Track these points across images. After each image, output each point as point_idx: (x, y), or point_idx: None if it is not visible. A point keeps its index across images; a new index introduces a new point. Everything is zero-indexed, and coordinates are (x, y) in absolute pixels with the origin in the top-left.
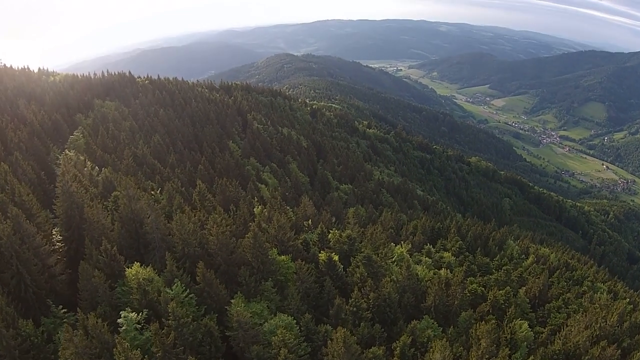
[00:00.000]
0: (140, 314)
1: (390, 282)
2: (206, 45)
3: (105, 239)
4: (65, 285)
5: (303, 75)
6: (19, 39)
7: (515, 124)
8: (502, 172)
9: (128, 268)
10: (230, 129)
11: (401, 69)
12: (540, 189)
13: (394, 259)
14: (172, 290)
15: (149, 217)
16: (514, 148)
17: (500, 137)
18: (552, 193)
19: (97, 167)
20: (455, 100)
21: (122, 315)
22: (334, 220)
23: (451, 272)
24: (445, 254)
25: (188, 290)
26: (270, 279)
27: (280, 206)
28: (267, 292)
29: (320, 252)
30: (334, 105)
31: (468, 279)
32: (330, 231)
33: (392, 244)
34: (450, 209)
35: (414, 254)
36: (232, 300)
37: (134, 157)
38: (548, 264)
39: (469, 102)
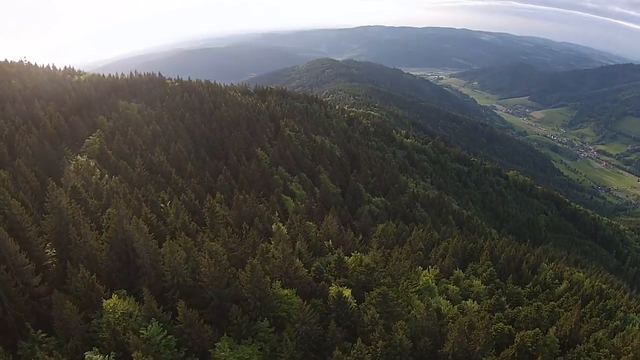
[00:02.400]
0: (107, 356)
1: (405, 324)
2: (247, 47)
3: (82, 266)
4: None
5: (343, 81)
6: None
7: (554, 136)
8: (540, 187)
9: (114, 294)
10: (261, 136)
11: (442, 78)
12: (577, 206)
13: (417, 288)
14: (147, 331)
15: (137, 241)
16: (551, 161)
17: (539, 150)
18: (588, 210)
19: (107, 175)
20: (495, 110)
21: (85, 357)
22: (360, 238)
23: (478, 304)
24: (475, 282)
25: (166, 331)
26: (268, 317)
27: (300, 224)
28: (262, 332)
29: (331, 284)
30: (372, 112)
31: (495, 315)
32: (352, 253)
33: (420, 267)
34: (486, 224)
35: (441, 280)
36: (217, 344)
37: (150, 164)
38: (582, 291)
39: (508, 113)
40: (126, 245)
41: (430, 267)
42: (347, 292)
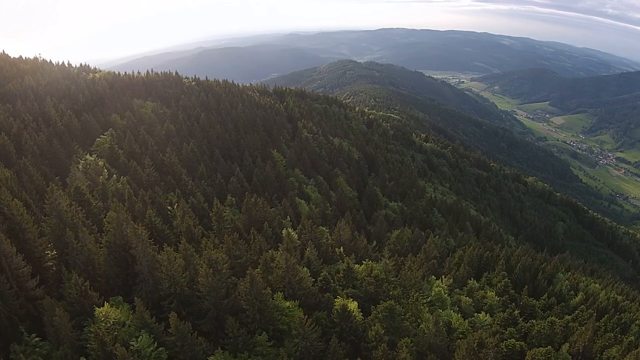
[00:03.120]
0: None
1: (411, 341)
2: (270, 47)
3: (77, 271)
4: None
5: (365, 83)
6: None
7: (573, 143)
8: (558, 194)
9: (107, 303)
10: (277, 137)
11: (463, 81)
12: (595, 214)
13: (429, 299)
14: (137, 343)
15: (135, 247)
16: (571, 168)
17: (558, 156)
18: (605, 218)
19: (115, 175)
20: (515, 115)
21: None
22: (374, 244)
23: (491, 317)
24: (489, 293)
25: (157, 343)
26: (267, 330)
27: (311, 229)
28: (259, 346)
29: (337, 296)
30: (392, 115)
31: (507, 330)
32: (364, 261)
33: (433, 276)
34: (503, 231)
35: (455, 290)
36: (210, 358)
37: (161, 165)
38: (597, 304)
39: (529, 118)
40: (125, 251)
41: (443, 276)
42: (352, 305)
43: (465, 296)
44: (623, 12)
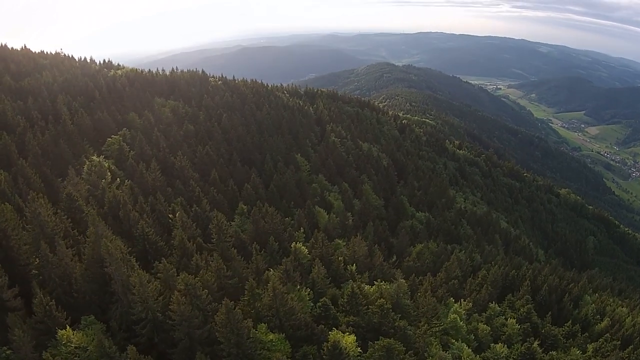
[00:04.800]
0: None
1: None
2: (308, 47)
3: (41, 292)
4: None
5: (402, 86)
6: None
7: (607, 154)
8: (590, 208)
9: (68, 327)
10: (303, 141)
11: (500, 88)
12: (626, 229)
13: (442, 327)
14: None
15: (109, 266)
16: (604, 180)
17: (592, 167)
18: (636, 234)
19: (118, 179)
20: (551, 124)
21: None
22: (393, 260)
23: (508, 349)
24: (509, 321)
25: None
26: None
27: (323, 244)
28: None
29: (334, 328)
30: (427, 120)
31: None
32: (376, 282)
33: (452, 299)
34: (533, 244)
35: (473, 316)
36: None
37: (171, 168)
38: (622, 331)
39: (564, 127)
40: (102, 267)
41: (462, 300)
42: (348, 340)
43: (484, 324)
44: None
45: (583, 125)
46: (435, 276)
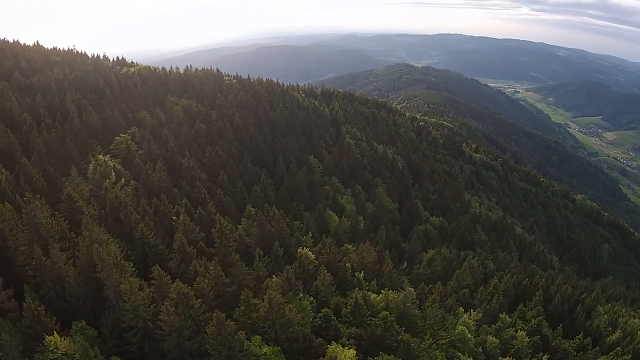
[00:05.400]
0: None
1: None
2: (327, 47)
3: (29, 297)
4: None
5: (420, 88)
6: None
7: (624, 160)
8: (606, 214)
9: (56, 333)
10: (317, 142)
11: (519, 91)
12: None
13: (450, 339)
14: None
15: (100, 272)
16: (620, 186)
17: (608, 173)
18: None
19: (123, 179)
20: (568, 128)
21: None
22: (404, 266)
23: None
24: (519, 333)
25: None
26: None
27: (330, 250)
28: None
29: (334, 341)
30: (445, 122)
31: None
32: (383, 291)
33: (461, 309)
34: (548, 251)
35: (482, 327)
36: None
37: (179, 168)
38: (634, 344)
39: (581, 132)
40: (95, 272)
41: (472, 310)
42: (347, 354)
43: (493, 336)
44: None
45: (600, 130)
46: (445, 284)
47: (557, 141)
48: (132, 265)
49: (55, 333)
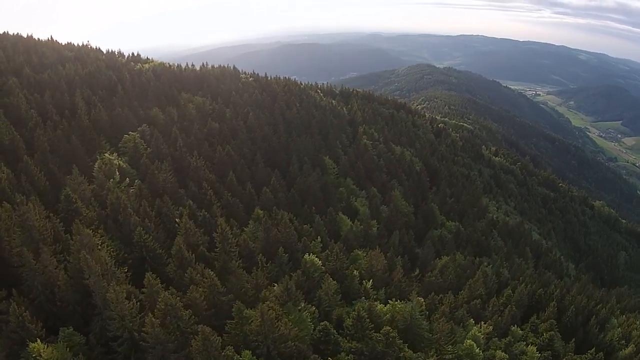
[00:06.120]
0: None
1: None
2: (351, 46)
3: (14, 303)
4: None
5: (441, 89)
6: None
7: None
8: (624, 222)
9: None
10: (333, 142)
11: (540, 94)
12: None
13: (456, 354)
14: None
15: (87, 278)
16: (638, 192)
17: (627, 179)
18: None
19: (127, 179)
20: (588, 133)
21: None
22: (415, 273)
23: None
24: (530, 348)
25: None
26: None
27: (337, 257)
28: None
29: (331, 357)
30: (465, 124)
31: None
32: (390, 301)
33: (472, 321)
34: (564, 258)
35: (492, 340)
36: None
37: (187, 168)
38: None
39: (601, 136)
40: (84, 279)
41: (483, 322)
42: None
43: (502, 351)
44: None
45: (620, 136)
46: (457, 294)
47: (577, 145)
48: (127, 270)
49: (39, 340)
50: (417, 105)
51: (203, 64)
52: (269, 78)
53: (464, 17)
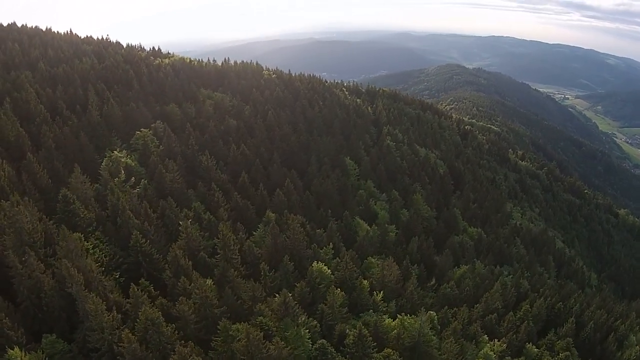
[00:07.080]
0: None
1: None
2: (380, 44)
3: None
4: None
5: (470, 90)
6: None
7: None
8: None
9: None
10: (356, 142)
11: (568, 98)
12: None
13: None
14: None
15: (69, 287)
16: None
17: None
18: None
19: (133, 178)
20: (615, 138)
21: None
22: (431, 283)
23: None
24: None
25: None
26: None
27: (347, 265)
28: None
29: None
30: (492, 127)
31: None
32: (399, 316)
33: (485, 337)
34: (587, 267)
35: (505, 359)
36: None
37: (198, 167)
38: None
39: (627, 142)
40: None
41: (497, 340)
42: None
43: None
44: None
45: None
46: (472, 307)
47: (604, 151)
48: (120, 276)
49: (17, 348)
50: (445, 106)
51: (224, 59)
52: (293, 75)
53: (493, 18)
